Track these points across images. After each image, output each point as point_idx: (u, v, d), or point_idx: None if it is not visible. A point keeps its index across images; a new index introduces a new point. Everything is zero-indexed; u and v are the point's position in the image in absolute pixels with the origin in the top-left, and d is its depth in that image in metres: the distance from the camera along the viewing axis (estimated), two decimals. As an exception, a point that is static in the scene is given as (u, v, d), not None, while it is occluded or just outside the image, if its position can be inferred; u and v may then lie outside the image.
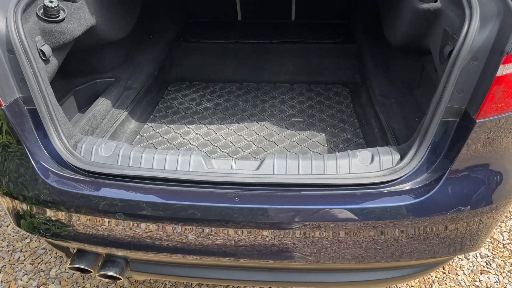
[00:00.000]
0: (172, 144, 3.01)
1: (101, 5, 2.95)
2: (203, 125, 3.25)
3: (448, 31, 2.27)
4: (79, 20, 2.65)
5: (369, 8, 4.04)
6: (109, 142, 2.44)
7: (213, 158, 2.40)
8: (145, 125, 3.24)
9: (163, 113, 3.44)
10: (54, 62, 2.58)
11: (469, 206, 2.14)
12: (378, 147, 2.36)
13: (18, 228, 2.63)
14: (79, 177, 2.29)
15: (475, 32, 1.95)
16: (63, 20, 2.55)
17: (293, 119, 3.30)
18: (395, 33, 2.95)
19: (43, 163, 2.30)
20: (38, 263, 3.31)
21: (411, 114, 2.97)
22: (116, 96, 3.21)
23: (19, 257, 3.35)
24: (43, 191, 2.24)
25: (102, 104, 3.03)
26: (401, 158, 2.26)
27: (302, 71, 3.97)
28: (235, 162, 2.30)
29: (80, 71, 3.43)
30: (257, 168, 2.25)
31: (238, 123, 3.27)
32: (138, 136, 3.10)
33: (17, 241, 3.50)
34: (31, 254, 3.39)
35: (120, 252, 2.39)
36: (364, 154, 2.30)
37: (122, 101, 3.23)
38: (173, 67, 4.07)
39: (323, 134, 3.08)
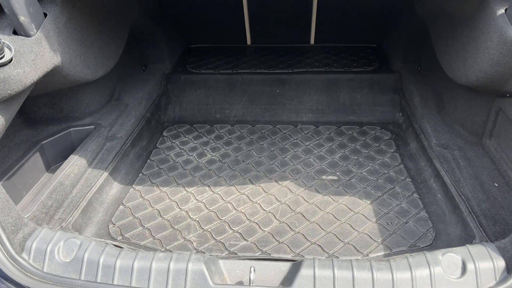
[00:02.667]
0: (164, 218, 2.25)
1: (69, 38, 2.22)
2: (206, 188, 2.49)
3: None
4: (34, 61, 1.92)
5: (410, 28, 3.29)
6: (70, 239, 1.69)
7: (220, 259, 1.63)
8: (131, 189, 2.48)
9: (155, 169, 2.68)
10: None
11: None
12: (468, 246, 1.58)
13: None
14: (25, 298, 1.56)
15: None
16: (9, 62, 1.82)
17: (323, 177, 2.53)
18: (467, 70, 2.18)
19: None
20: None
21: (486, 175, 2.20)
22: (94, 150, 2.47)
23: None
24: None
25: (74, 165, 2.29)
26: (507, 266, 1.49)
27: (328, 109, 3.21)
28: (254, 270, 1.53)
29: (50, 118, 2.70)
30: (290, 284, 1.49)
31: (252, 183, 2.51)
32: (121, 207, 2.34)
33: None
34: None
35: None
36: (451, 259, 1.53)
37: (102, 157, 2.50)
38: (170, 106, 3.34)
39: (368, 202, 2.30)
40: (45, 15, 2.03)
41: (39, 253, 1.66)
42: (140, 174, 2.62)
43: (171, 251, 2.00)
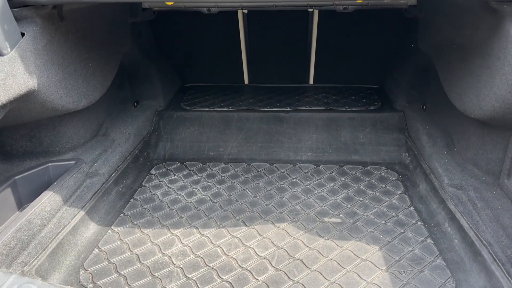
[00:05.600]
0: (143, 264, 1.96)
1: (48, 62, 2.05)
2: (194, 229, 2.22)
3: None
4: (4, 81, 1.74)
5: (413, 67, 3.18)
6: (25, 284, 1.41)
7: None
8: (109, 231, 2.21)
9: (139, 209, 2.42)
10: None
11: None
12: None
13: None
14: None
15: None
16: (-26, 80, 1.64)
17: (325, 220, 2.27)
18: (481, 101, 2.00)
19: None
20: None
21: (508, 218, 1.95)
22: (72, 186, 2.23)
23: None
24: None
25: (46, 202, 2.05)
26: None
27: (329, 148, 3.01)
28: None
29: (27, 152, 2.49)
30: None
31: (246, 225, 2.25)
32: (95, 251, 2.06)
33: None
34: None
35: None
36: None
37: (80, 195, 2.25)
38: (161, 143, 3.14)
39: (376, 248, 2.03)
40: (23, 35, 1.88)
41: (-16, 302, 1.38)
42: (121, 215, 2.36)
43: (147, 302, 1.71)
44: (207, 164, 2.93)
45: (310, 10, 3.35)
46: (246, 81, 3.99)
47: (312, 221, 2.25)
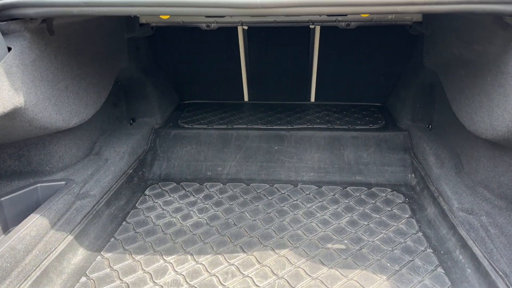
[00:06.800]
0: (134, 295, 1.82)
1: (37, 78, 1.95)
2: (188, 256, 2.08)
3: None
4: (-13, 97, 1.64)
5: (418, 85, 3.09)
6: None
7: None
8: (98, 257, 2.08)
9: (131, 233, 2.29)
10: None
11: None
12: None
13: None
14: None
15: None
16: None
17: (329, 246, 2.13)
18: (494, 121, 1.89)
19: None
20: None
21: (525, 246, 1.82)
22: (61, 209, 2.11)
23: None
24: None
25: (32, 226, 1.92)
26: None
27: (332, 168, 2.89)
28: None
29: (16, 172, 2.38)
30: None
31: (244, 251, 2.11)
32: (83, 279, 1.92)
33: None
34: None
35: None
36: None
37: (69, 218, 2.13)
38: (156, 163, 3.02)
39: (384, 277, 1.89)
40: (9, 49, 1.78)
41: None
42: (112, 239, 2.23)
43: None
44: (205, 184, 2.80)
45: (311, 26, 3.28)
46: (245, 98, 3.90)
47: (314, 248, 2.12)
